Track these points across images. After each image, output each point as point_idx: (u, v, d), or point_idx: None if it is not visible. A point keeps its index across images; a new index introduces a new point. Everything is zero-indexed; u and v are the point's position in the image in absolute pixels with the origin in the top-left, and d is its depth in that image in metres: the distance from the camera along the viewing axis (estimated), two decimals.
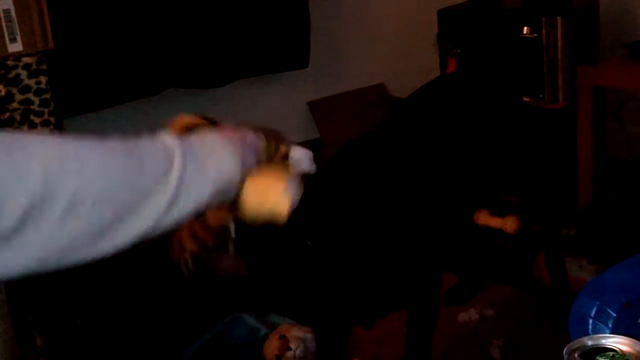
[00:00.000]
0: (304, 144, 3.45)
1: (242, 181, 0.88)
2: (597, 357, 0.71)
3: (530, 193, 2.26)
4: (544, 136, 2.46)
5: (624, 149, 3.33)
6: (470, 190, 1.97)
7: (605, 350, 0.72)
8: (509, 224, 2.65)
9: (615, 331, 0.93)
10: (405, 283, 1.78)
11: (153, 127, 3.23)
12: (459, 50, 3.27)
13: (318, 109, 3.60)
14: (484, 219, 2.45)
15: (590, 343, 0.73)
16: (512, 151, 2.11)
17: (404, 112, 2.02)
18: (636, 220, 2.76)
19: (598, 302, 1.06)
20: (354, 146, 1.86)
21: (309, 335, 2.20)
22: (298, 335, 2.18)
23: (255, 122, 1.03)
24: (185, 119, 1.04)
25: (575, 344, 0.73)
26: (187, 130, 1.00)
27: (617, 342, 0.73)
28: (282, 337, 2.17)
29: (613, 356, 0.71)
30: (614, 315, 1.05)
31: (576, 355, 0.72)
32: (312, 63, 3.47)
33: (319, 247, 1.52)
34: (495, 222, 2.66)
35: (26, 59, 2.33)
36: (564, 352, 0.72)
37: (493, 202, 2.45)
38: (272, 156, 0.96)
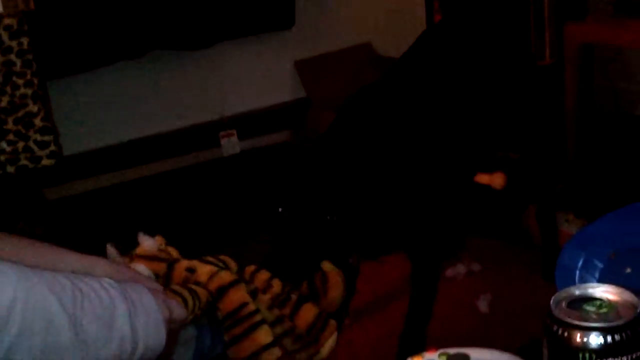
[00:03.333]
0: (291, 104, 3.43)
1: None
2: (584, 306, 0.71)
3: (528, 148, 2.25)
4: (540, 89, 2.43)
5: (611, 105, 3.33)
6: (474, 144, 1.98)
7: (592, 299, 0.72)
8: (497, 180, 2.66)
9: (601, 282, 0.93)
10: (409, 226, 1.81)
11: (138, 90, 3.21)
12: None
13: (305, 68, 3.58)
14: None
15: (577, 292, 0.73)
16: (514, 104, 2.11)
17: (403, 68, 2.01)
18: (622, 174, 2.78)
19: (584, 254, 1.06)
20: (355, 106, 1.86)
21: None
22: None
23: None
24: (147, 248, 1.15)
25: (563, 293, 0.73)
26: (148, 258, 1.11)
27: (605, 291, 0.73)
28: None
29: (600, 305, 0.71)
30: (601, 266, 1.05)
31: (563, 304, 0.72)
32: (298, 22, 3.44)
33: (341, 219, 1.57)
34: (482, 178, 2.66)
35: (7, 20, 2.30)
36: (551, 301, 0.72)
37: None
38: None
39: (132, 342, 0.87)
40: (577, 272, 1.05)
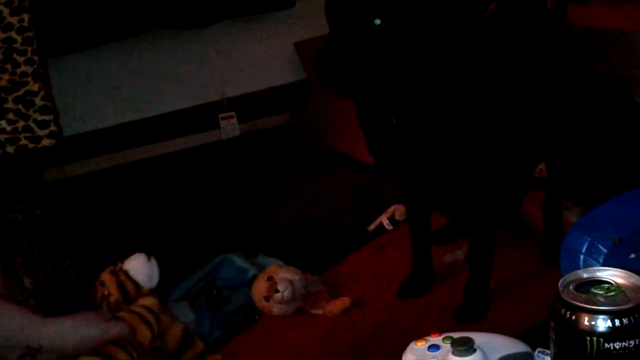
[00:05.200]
0: (292, 86, 3.42)
1: None
2: (592, 289, 0.71)
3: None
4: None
5: (612, 90, 3.32)
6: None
7: (600, 282, 0.72)
8: None
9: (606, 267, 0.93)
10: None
11: (137, 70, 3.19)
12: None
13: (305, 49, 3.56)
14: None
15: (585, 275, 0.73)
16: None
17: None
18: (622, 160, 2.77)
19: (589, 239, 1.06)
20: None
21: (297, 277, 2.21)
22: (286, 277, 2.19)
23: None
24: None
25: (571, 276, 0.73)
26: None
27: (612, 275, 0.73)
28: (270, 279, 2.18)
29: (608, 288, 0.71)
30: (605, 251, 1.06)
31: (571, 287, 0.72)
32: (299, 3, 3.42)
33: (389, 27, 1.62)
34: None
35: None
36: (559, 284, 0.72)
37: None
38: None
39: None
40: (582, 257, 1.05)
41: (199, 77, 3.41)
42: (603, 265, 1.02)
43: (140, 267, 1.21)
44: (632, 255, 1.04)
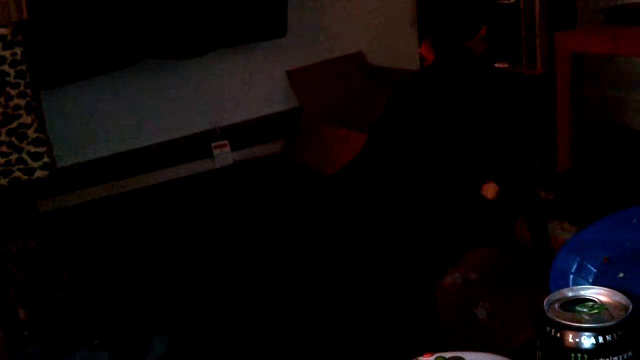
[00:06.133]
0: (284, 114, 3.44)
1: None
2: (577, 307, 0.72)
3: (509, 159, 2.29)
4: (522, 102, 2.47)
5: (602, 114, 3.35)
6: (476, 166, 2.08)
7: (584, 300, 0.73)
8: (489, 191, 2.67)
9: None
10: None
11: (130, 100, 3.21)
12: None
13: (297, 78, 3.59)
14: None
15: (570, 294, 0.74)
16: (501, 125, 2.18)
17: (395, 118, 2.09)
18: (614, 181, 2.79)
19: (579, 258, 1.07)
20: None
21: None
22: None
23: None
24: None
25: (556, 295, 0.73)
26: None
27: (597, 293, 0.73)
28: None
29: (592, 306, 0.71)
30: (594, 270, 1.06)
31: (556, 305, 0.72)
32: (290, 32, 3.45)
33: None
34: None
35: (0, 30, 2.30)
36: (544, 303, 0.72)
37: None
38: None
39: None
40: (571, 276, 1.05)
41: (192, 107, 3.42)
42: (593, 285, 1.03)
43: None
44: (621, 275, 1.04)
